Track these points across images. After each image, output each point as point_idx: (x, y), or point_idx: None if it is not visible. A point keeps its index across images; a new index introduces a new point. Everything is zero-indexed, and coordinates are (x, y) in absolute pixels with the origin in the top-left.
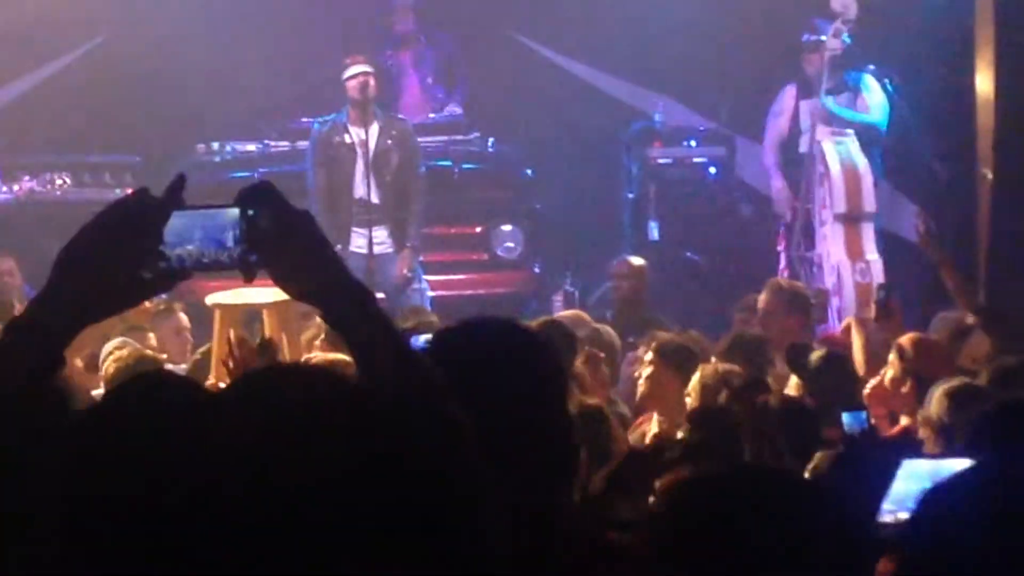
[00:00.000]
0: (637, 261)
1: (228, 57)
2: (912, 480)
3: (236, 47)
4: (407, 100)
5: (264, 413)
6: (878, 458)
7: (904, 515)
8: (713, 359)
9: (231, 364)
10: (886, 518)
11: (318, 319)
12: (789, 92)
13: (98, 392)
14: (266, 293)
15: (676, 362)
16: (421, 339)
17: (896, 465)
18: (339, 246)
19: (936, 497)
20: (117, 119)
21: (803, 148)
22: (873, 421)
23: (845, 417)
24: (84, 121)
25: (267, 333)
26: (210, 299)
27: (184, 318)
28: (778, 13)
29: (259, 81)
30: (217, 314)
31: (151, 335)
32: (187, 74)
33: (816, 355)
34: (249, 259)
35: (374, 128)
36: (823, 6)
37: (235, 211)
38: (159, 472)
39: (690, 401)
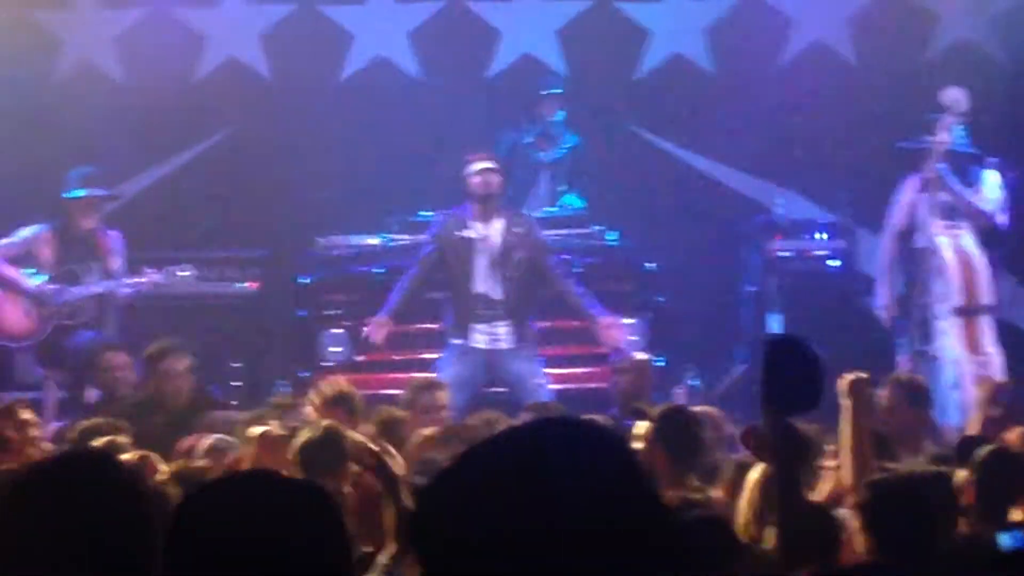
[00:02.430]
0: (641, 356)
1: (352, 150)
2: None
3: (360, 140)
4: (538, 196)
5: None
6: None
7: None
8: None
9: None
10: None
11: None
12: (911, 184)
13: None
14: None
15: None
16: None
17: None
18: (459, 340)
19: None
20: (241, 213)
21: (920, 243)
22: None
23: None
24: (208, 214)
25: None
26: None
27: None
28: (899, 103)
29: (382, 174)
30: None
31: None
32: (311, 167)
33: (986, 450)
34: None
35: (498, 224)
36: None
37: None
38: None
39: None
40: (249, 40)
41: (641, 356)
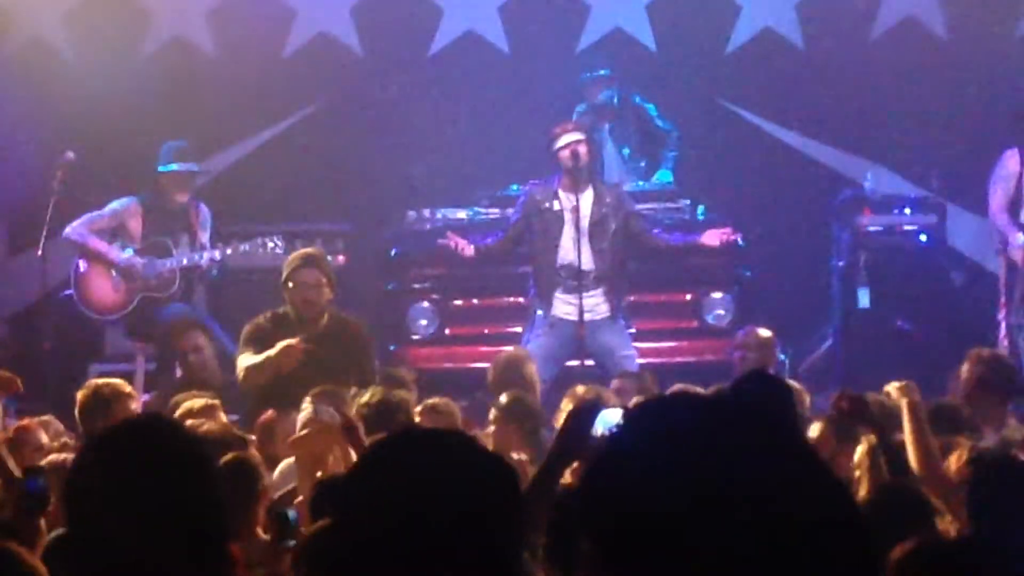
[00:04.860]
0: (765, 333)
1: (439, 124)
2: None
3: (447, 114)
4: (607, 171)
5: None
6: None
7: None
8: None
9: None
10: None
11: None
12: (1012, 157)
13: None
14: None
15: None
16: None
17: None
18: (546, 311)
19: None
20: (330, 186)
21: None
22: None
23: None
24: (297, 188)
25: None
26: None
27: None
28: (989, 78)
29: (471, 148)
30: None
31: None
32: (400, 141)
33: None
34: None
35: (587, 195)
36: None
37: None
38: None
39: None
40: (339, 14)
41: (765, 332)
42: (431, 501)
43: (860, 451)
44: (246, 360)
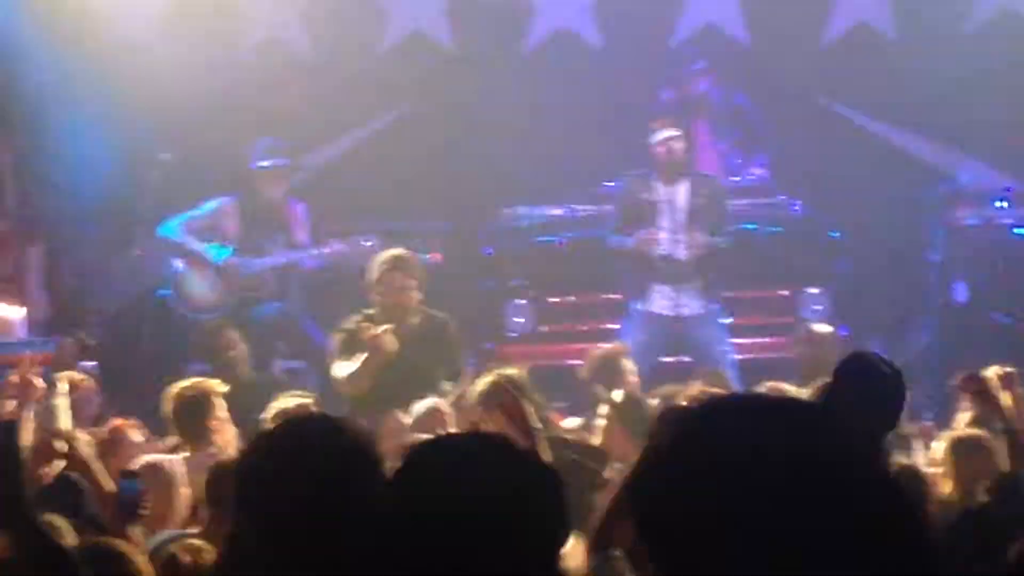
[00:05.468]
0: (823, 328)
1: (534, 121)
2: None
3: (542, 111)
4: (703, 165)
5: None
6: None
7: None
8: None
9: None
10: None
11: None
12: None
13: None
14: None
15: None
16: None
17: None
18: (641, 305)
19: None
20: (425, 184)
21: None
22: None
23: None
24: (392, 187)
25: None
26: None
27: None
28: None
29: (565, 145)
30: None
31: None
32: (493, 139)
33: None
34: None
35: (683, 187)
36: None
37: None
38: None
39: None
40: (433, 12)
41: (824, 328)
42: (467, 508)
43: (943, 448)
44: (342, 369)
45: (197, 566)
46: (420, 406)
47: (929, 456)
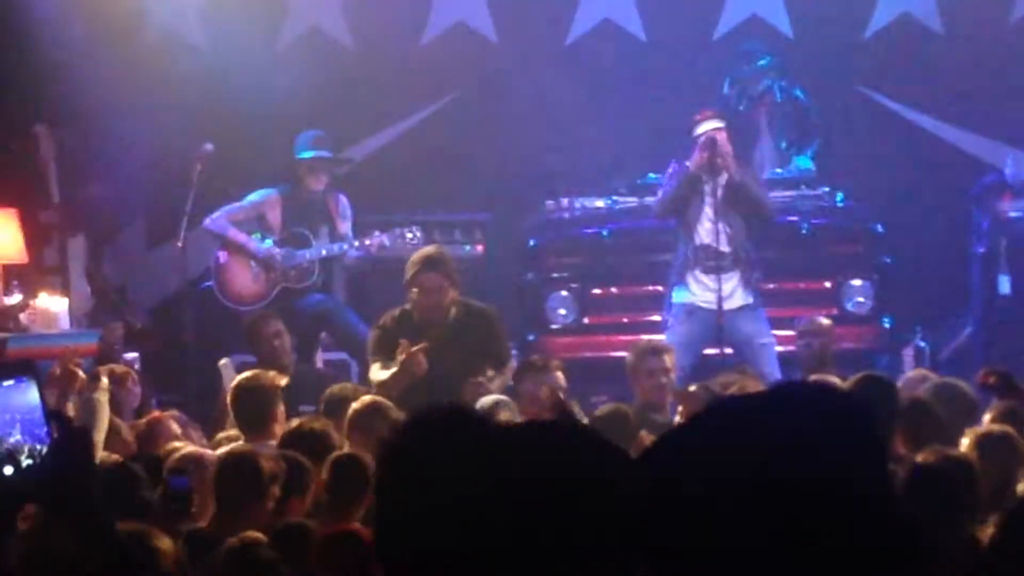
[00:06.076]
0: (825, 320)
1: (577, 113)
2: None
3: (585, 102)
4: (759, 157)
5: None
6: None
7: None
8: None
9: None
10: None
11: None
12: None
13: None
14: None
15: None
16: None
17: None
18: (685, 298)
19: None
20: (468, 176)
21: None
22: None
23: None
24: (435, 178)
25: None
26: None
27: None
28: None
29: (608, 137)
30: None
31: None
32: (536, 130)
33: None
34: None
35: (725, 178)
36: None
37: (35, 393)
38: None
39: None
40: (476, 4)
41: (825, 320)
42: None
43: (968, 444)
44: (376, 374)
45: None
46: (486, 400)
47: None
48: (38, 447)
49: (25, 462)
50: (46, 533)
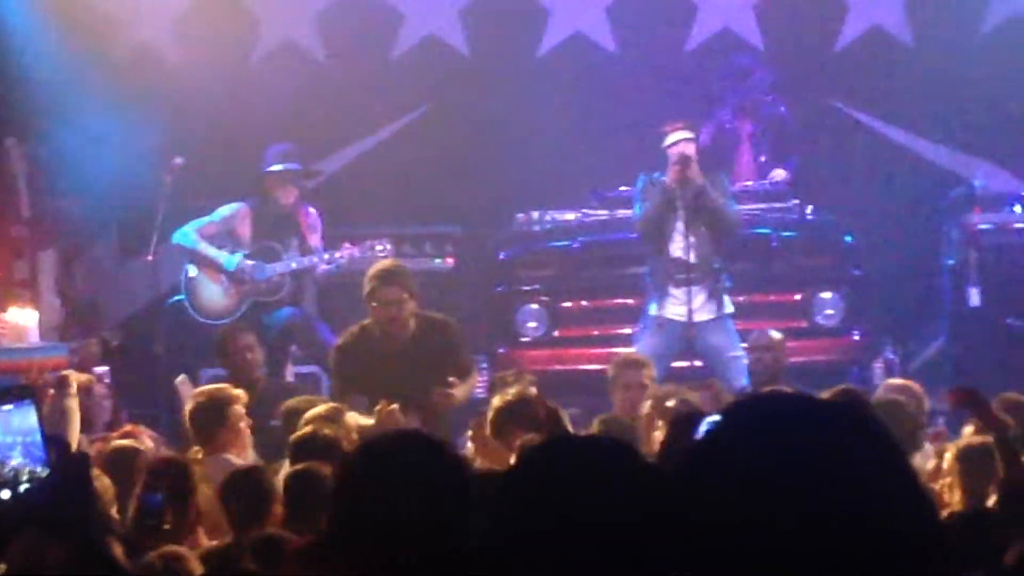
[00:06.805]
0: (776, 334)
1: (548, 126)
2: None
3: (556, 115)
4: (738, 169)
5: None
6: None
7: None
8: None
9: None
10: None
11: None
12: None
13: None
14: None
15: None
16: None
17: None
18: (656, 311)
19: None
20: (438, 189)
21: None
22: None
23: None
24: (405, 191)
25: None
26: None
27: None
28: None
29: (579, 149)
30: None
31: None
32: (507, 143)
33: None
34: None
35: (695, 187)
36: None
37: (34, 417)
38: None
39: None
40: (447, 17)
41: (776, 334)
42: (587, 510)
43: (948, 458)
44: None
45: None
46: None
47: (938, 465)
48: (38, 470)
49: (23, 486)
50: (40, 556)
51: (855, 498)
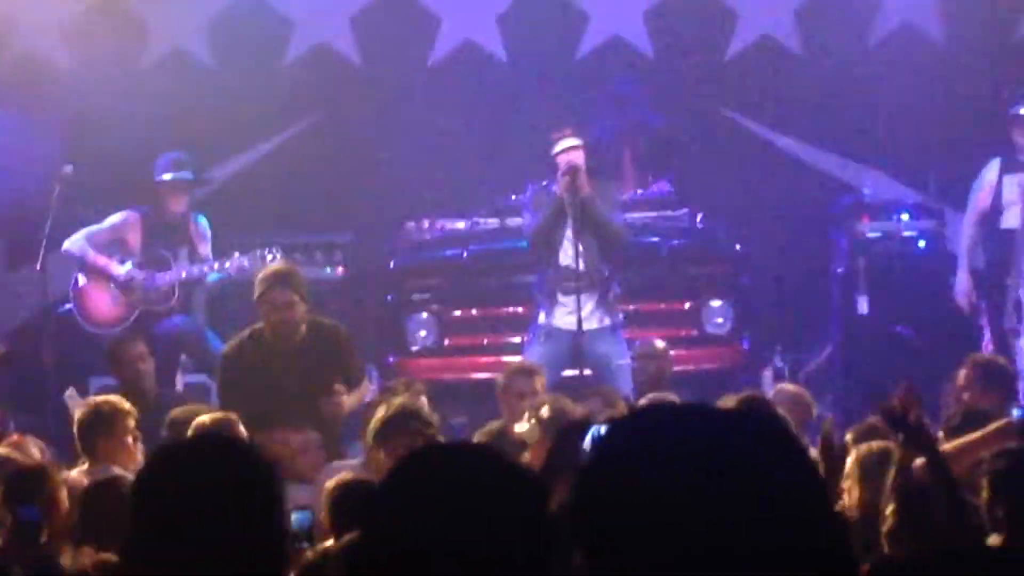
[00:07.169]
0: (660, 343)
1: (438, 134)
2: None
3: (448, 125)
4: (625, 177)
5: None
6: None
7: None
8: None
9: None
10: None
11: None
12: (992, 166)
13: None
14: None
15: None
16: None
17: None
18: (545, 319)
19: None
20: (329, 198)
21: (1009, 224)
22: None
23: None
24: (296, 199)
25: None
26: None
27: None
28: (987, 84)
29: (470, 158)
30: None
31: None
32: (397, 152)
33: None
34: None
35: (584, 196)
36: None
37: None
38: None
39: None
40: (338, 25)
41: (660, 343)
42: (460, 517)
43: (850, 462)
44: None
45: None
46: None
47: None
48: None
49: None
50: None
51: (764, 500)
